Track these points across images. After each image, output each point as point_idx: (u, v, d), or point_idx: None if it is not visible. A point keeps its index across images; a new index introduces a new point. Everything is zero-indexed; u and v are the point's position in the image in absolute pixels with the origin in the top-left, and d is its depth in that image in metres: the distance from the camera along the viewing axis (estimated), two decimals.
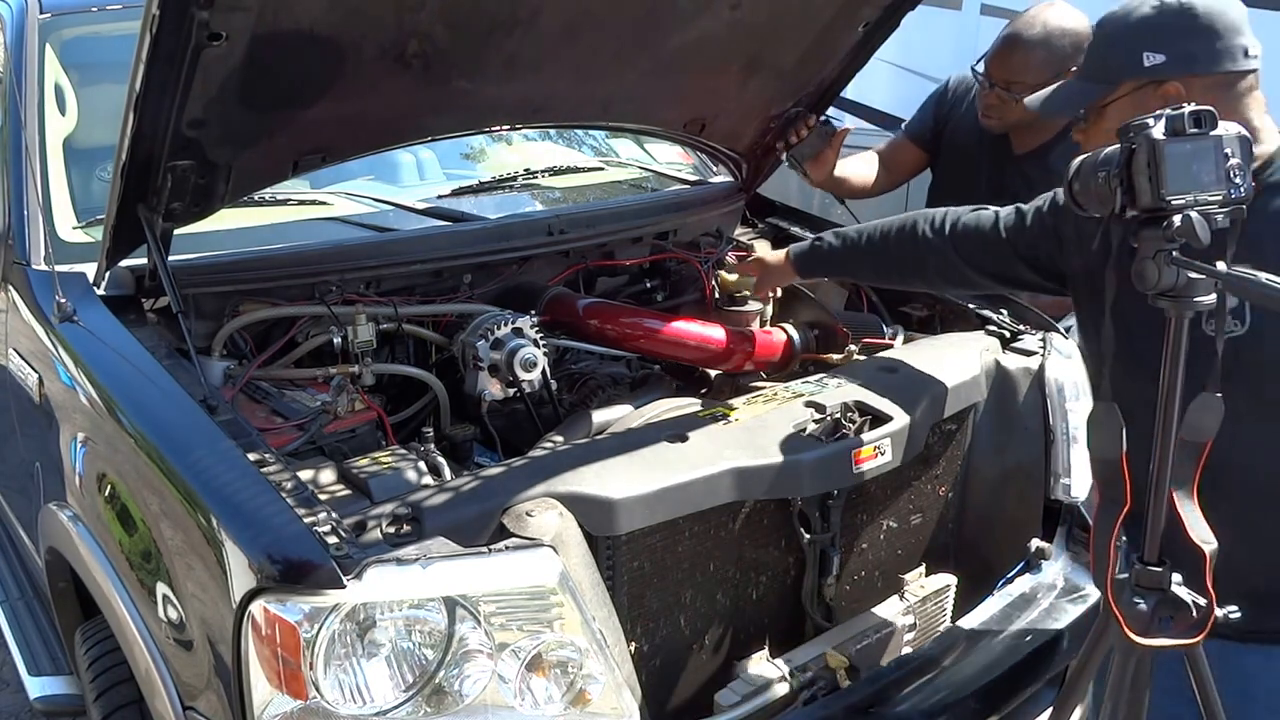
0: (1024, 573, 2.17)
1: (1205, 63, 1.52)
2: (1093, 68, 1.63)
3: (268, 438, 1.77)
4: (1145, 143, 1.26)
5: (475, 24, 1.91)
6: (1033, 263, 1.86)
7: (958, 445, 2.21)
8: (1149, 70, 1.53)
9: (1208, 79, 1.52)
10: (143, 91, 1.62)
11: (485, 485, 1.66)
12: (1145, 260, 1.28)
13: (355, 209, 2.48)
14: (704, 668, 1.87)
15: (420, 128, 2.23)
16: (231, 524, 1.47)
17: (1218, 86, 1.51)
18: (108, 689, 1.92)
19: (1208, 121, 1.26)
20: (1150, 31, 1.54)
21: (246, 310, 2.10)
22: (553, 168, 2.91)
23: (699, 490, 1.73)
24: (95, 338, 1.91)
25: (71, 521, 1.94)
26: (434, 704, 1.42)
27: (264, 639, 1.39)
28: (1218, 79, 1.52)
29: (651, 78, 2.31)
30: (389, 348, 2.26)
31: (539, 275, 2.52)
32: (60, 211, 2.25)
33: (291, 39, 1.71)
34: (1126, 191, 1.28)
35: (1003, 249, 1.90)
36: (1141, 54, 1.53)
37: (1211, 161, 1.25)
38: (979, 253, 1.95)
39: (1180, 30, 1.52)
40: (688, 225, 2.75)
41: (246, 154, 1.93)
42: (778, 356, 2.43)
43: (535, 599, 1.47)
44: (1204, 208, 1.25)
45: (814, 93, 2.55)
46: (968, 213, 1.99)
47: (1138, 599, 1.37)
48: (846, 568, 2.01)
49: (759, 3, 2.15)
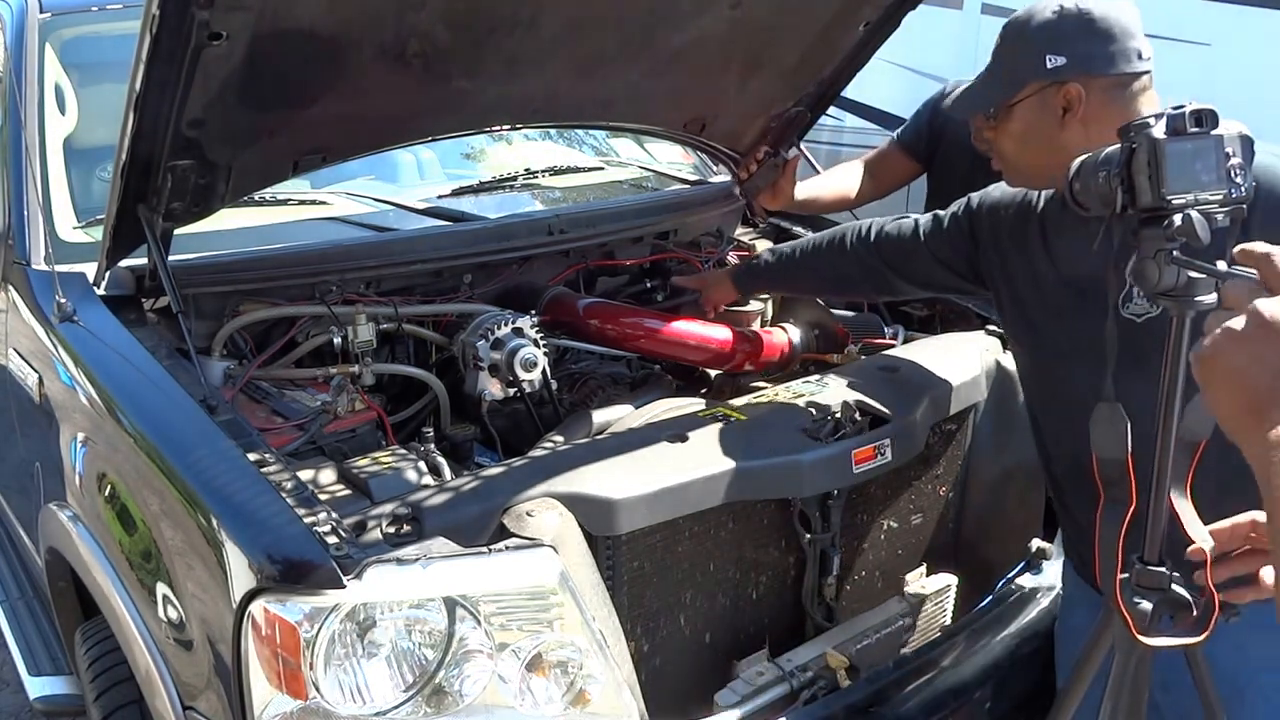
0: (1024, 573, 2.17)
1: (1102, 64, 1.61)
2: (999, 69, 1.71)
3: (268, 438, 1.77)
4: (1146, 142, 1.26)
5: (476, 24, 1.91)
6: (951, 265, 1.96)
7: (958, 445, 2.21)
8: (1051, 72, 1.62)
9: (1105, 79, 1.62)
10: (143, 91, 1.62)
11: (485, 485, 1.66)
12: (1145, 260, 1.28)
13: (355, 209, 2.48)
14: (704, 668, 1.87)
15: (420, 127, 2.22)
16: (231, 524, 1.47)
17: (1114, 87, 1.62)
18: (108, 689, 1.92)
19: (1208, 121, 1.27)
20: (1051, 35, 1.63)
21: (246, 310, 2.10)
22: (553, 167, 2.91)
23: (699, 490, 1.72)
24: (95, 338, 1.91)
25: (71, 521, 1.94)
26: (434, 704, 1.42)
27: (264, 639, 1.39)
28: (1114, 80, 1.62)
29: (652, 77, 2.31)
30: (389, 348, 2.26)
31: (539, 275, 2.52)
32: (60, 211, 2.25)
33: (292, 38, 1.71)
34: (1127, 191, 1.28)
35: (922, 254, 2.00)
36: (1044, 56, 1.62)
37: (1212, 161, 1.26)
38: (902, 260, 2.04)
39: (1079, 34, 1.62)
40: (688, 225, 2.75)
41: (246, 154, 1.93)
42: (779, 356, 2.43)
43: (535, 599, 1.47)
44: (1204, 207, 1.25)
45: (814, 92, 2.55)
46: (891, 222, 2.08)
47: (1139, 598, 1.37)
48: (847, 568, 2.01)
49: (759, 2, 2.15)
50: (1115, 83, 1.62)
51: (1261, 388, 0.88)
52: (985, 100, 1.73)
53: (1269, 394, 0.88)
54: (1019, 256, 1.81)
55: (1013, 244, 1.82)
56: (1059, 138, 1.64)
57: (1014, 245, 1.82)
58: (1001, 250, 1.84)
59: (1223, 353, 0.92)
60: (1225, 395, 0.92)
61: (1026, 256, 1.79)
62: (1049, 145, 1.65)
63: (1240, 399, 0.90)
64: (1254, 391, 0.89)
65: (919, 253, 2.00)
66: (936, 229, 1.98)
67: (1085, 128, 1.63)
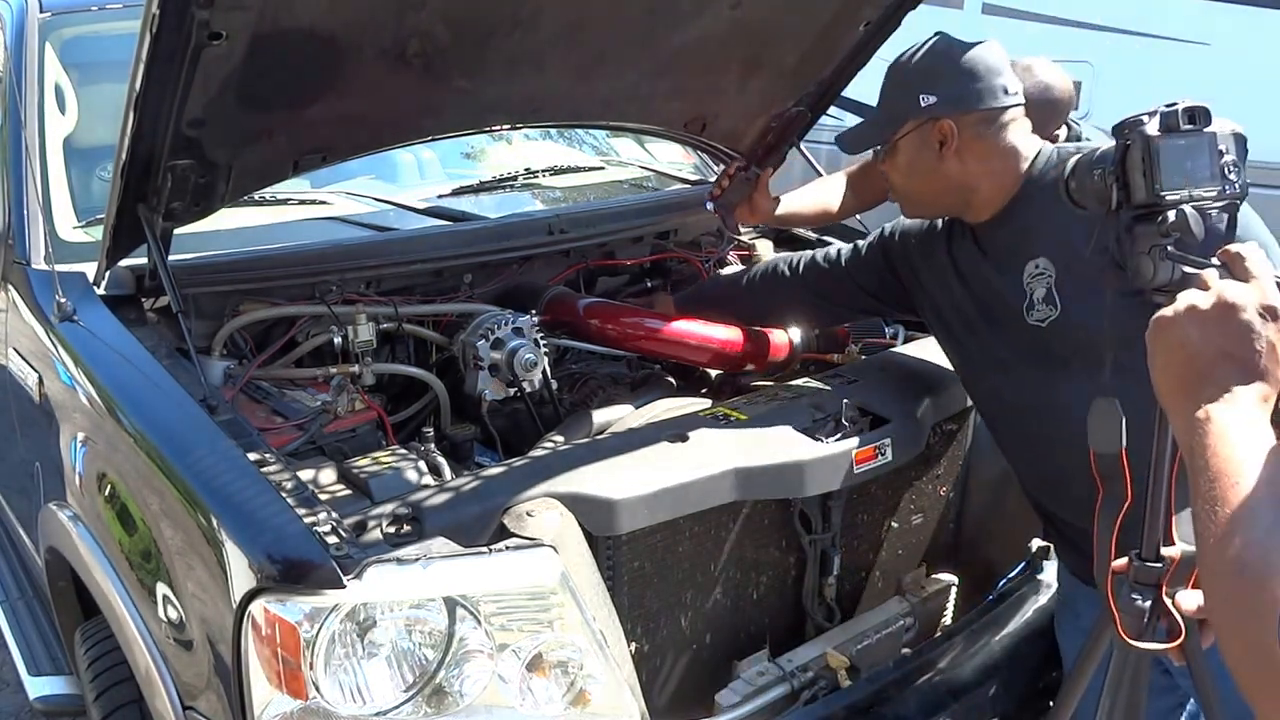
0: (1024, 573, 2.17)
1: (970, 101, 1.75)
2: (883, 108, 1.85)
3: (268, 437, 1.77)
4: (1140, 139, 1.27)
5: (476, 23, 1.91)
6: (874, 292, 2.10)
7: (958, 445, 2.21)
8: (925, 110, 1.76)
9: (973, 115, 1.76)
10: (143, 91, 1.62)
11: (486, 485, 1.65)
12: (1140, 256, 1.28)
13: (355, 208, 2.48)
14: (704, 668, 1.87)
15: (421, 127, 2.22)
16: (232, 524, 1.47)
17: (983, 122, 1.76)
18: (108, 689, 1.92)
19: (1201, 118, 1.27)
20: (924, 75, 1.78)
21: (247, 310, 2.10)
22: (553, 167, 2.91)
23: (699, 490, 1.72)
24: (95, 337, 1.90)
25: (71, 521, 1.94)
26: (434, 704, 1.42)
27: (264, 639, 1.39)
28: (982, 115, 1.76)
29: (652, 77, 2.31)
30: (389, 347, 2.26)
31: (539, 275, 2.52)
32: (60, 211, 2.25)
33: (292, 38, 1.71)
34: (1122, 188, 1.29)
35: (848, 283, 2.13)
36: (918, 95, 1.77)
37: (1206, 157, 1.27)
38: (832, 290, 2.17)
39: (946, 74, 1.76)
40: (688, 225, 2.75)
41: (247, 153, 1.93)
42: (780, 356, 2.43)
43: (536, 599, 1.47)
44: (1199, 203, 1.26)
45: (814, 92, 2.55)
46: (819, 253, 2.22)
47: (1135, 595, 1.37)
48: (847, 568, 2.01)
49: (759, 2, 2.15)
50: (984, 118, 1.76)
51: (1201, 365, 0.93)
52: (871, 138, 1.87)
53: (1206, 372, 0.93)
54: (932, 278, 1.93)
55: (925, 266, 1.95)
56: (939, 169, 1.79)
57: (926, 267, 1.95)
58: (916, 273, 1.97)
59: (1179, 323, 0.97)
60: (1167, 363, 0.97)
61: (938, 277, 1.92)
62: (931, 175, 1.80)
63: (1179, 371, 0.95)
64: (1193, 367, 0.94)
65: (845, 282, 2.13)
66: (856, 257, 2.12)
67: (961, 158, 1.77)
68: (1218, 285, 0.98)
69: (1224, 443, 0.88)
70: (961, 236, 1.88)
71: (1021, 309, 1.76)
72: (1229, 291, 0.96)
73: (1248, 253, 0.99)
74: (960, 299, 1.87)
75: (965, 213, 1.86)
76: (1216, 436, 0.89)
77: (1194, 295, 0.98)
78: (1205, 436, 0.89)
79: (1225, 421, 0.89)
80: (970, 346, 1.89)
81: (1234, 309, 0.94)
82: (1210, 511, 0.86)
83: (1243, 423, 0.89)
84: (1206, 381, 0.92)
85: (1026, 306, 1.75)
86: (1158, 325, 0.99)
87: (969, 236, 1.87)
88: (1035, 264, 1.74)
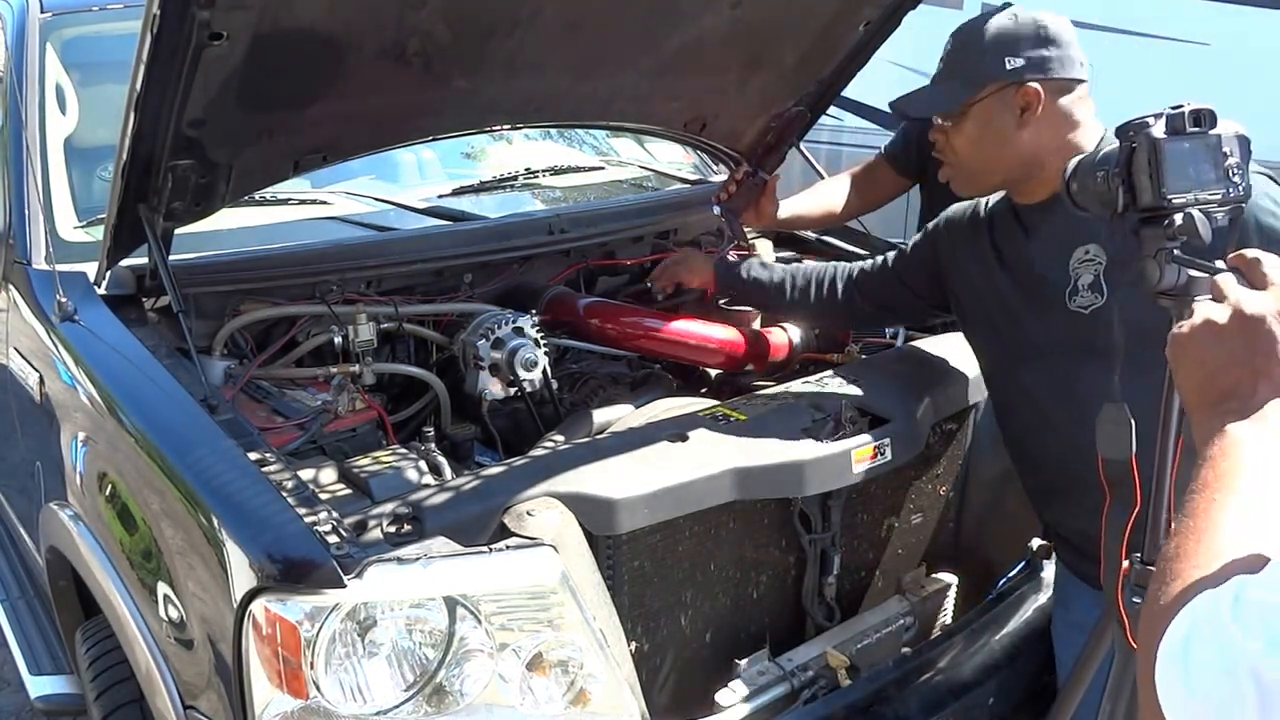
0: (1024, 572, 2.17)
1: (1056, 68, 1.73)
2: (957, 71, 1.80)
3: (268, 437, 1.77)
4: (1145, 141, 1.26)
5: (476, 23, 1.91)
6: (918, 290, 2.05)
7: (958, 445, 2.21)
8: (1010, 72, 1.72)
9: (1056, 82, 1.73)
10: (143, 91, 1.62)
11: (486, 485, 1.66)
12: (1146, 259, 1.28)
13: (356, 208, 2.48)
14: (704, 667, 1.87)
15: (421, 127, 2.23)
16: (232, 523, 1.47)
17: (1063, 90, 1.74)
18: (108, 688, 1.92)
19: (1207, 120, 1.27)
20: (1008, 39, 1.74)
21: (247, 310, 2.10)
22: (553, 167, 2.91)
23: (699, 490, 1.72)
24: (96, 337, 1.91)
25: (72, 521, 1.94)
26: (435, 704, 1.42)
27: (265, 638, 1.39)
28: (1063, 83, 1.74)
29: (652, 77, 2.31)
30: (389, 347, 2.26)
31: (539, 275, 2.52)
32: (61, 211, 2.25)
33: (292, 38, 1.71)
34: (1128, 191, 1.29)
35: (893, 283, 2.09)
36: (1004, 58, 1.73)
37: (1211, 160, 1.26)
38: (877, 292, 2.13)
39: (1034, 39, 1.73)
40: (689, 224, 2.75)
41: (247, 153, 1.93)
42: (780, 356, 2.43)
43: (536, 598, 1.47)
44: (1205, 206, 1.26)
45: (814, 92, 2.55)
46: (866, 262, 2.17)
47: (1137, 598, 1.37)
48: (847, 567, 2.01)
49: (759, 2, 2.15)
50: (1064, 86, 1.74)
51: (1224, 380, 0.91)
52: (948, 99, 1.80)
53: (1231, 387, 0.90)
54: (975, 264, 1.89)
55: (969, 253, 1.91)
56: (1012, 139, 1.75)
57: (969, 254, 1.91)
58: (959, 261, 1.93)
59: (1198, 339, 0.94)
60: (1191, 379, 0.94)
61: (981, 263, 1.88)
62: (1003, 146, 1.76)
63: (1202, 386, 0.93)
64: (1216, 381, 0.91)
65: (892, 283, 2.10)
66: (902, 256, 2.08)
67: (1037, 129, 1.73)
68: (1234, 296, 0.94)
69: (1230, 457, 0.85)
70: (1005, 222, 1.85)
71: (1064, 294, 1.71)
72: (1246, 302, 0.92)
73: (1264, 257, 0.96)
74: (1002, 284, 1.83)
75: (1020, 191, 1.81)
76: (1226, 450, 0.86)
77: (1210, 309, 0.94)
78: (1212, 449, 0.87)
79: (1241, 437, 0.86)
80: (1008, 335, 1.84)
81: (1254, 321, 0.90)
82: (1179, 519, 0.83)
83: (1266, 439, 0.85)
84: (1230, 395, 0.89)
85: (1070, 292, 1.71)
86: (1175, 344, 0.96)
87: (1014, 219, 1.83)
88: (1086, 249, 1.70)
